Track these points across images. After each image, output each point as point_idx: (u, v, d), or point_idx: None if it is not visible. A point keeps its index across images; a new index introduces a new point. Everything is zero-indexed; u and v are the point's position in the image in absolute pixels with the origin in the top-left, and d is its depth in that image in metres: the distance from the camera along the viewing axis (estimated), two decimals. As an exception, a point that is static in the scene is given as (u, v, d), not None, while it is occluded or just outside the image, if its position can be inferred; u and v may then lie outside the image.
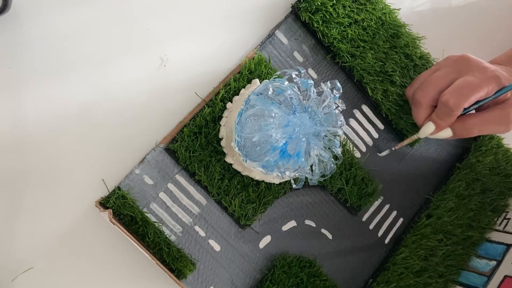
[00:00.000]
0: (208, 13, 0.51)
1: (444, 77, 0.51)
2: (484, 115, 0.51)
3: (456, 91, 0.49)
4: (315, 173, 0.45)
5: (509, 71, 0.52)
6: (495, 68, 0.50)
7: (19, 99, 0.44)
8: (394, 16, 0.56)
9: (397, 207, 0.58)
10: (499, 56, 0.57)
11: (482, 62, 0.50)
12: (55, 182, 0.45)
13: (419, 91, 0.52)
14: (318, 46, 0.54)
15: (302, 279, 0.51)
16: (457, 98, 0.48)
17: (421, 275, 0.57)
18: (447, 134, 0.52)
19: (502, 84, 0.49)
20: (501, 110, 0.51)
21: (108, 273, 0.47)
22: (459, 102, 0.48)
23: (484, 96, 0.49)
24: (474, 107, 0.51)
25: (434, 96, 0.51)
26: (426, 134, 0.52)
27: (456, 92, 0.48)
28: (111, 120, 0.47)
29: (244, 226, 0.50)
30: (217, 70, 0.50)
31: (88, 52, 0.46)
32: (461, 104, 0.48)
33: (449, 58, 0.53)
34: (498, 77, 0.49)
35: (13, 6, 0.44)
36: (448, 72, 0.51)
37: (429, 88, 0.51)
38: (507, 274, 0.56)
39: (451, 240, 0.59)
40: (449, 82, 0.50)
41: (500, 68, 0.52)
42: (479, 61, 0.50)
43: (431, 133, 0.52)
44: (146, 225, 0.45)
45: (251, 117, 0.42)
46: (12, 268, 0.44)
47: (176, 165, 0.48)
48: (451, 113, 0.49)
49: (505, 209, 0.62)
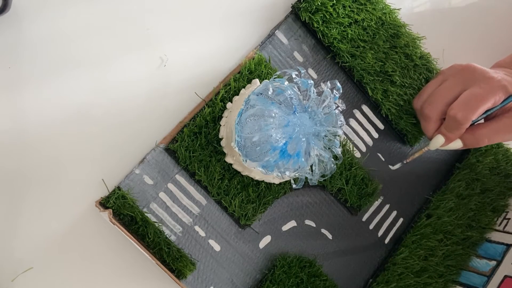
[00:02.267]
0: (208, 13, 0.51)
1: (451, 89, 0.51)
2: (493, 124, 0.51)
3: (464, 104, 0.49)
4: (315, 173, 0.45)
5: None
6: (502, 77, 0.50)
7: (19, 99, 0.44)
8: (394, 16, 0.56)
9: (397, 207, 0.58)
10: (504, 59, 0.57)
11: (487, 72, 0.50)
12: (55, 182, 0.45)
13: (427, 105, 0.52)
14: (318, 46, 0.54)
15: (302, 279, 0.51)
16: (464, 111, 0.49)
17: (421, 275, 0.57)
18: (457, 145, 0.52)
19: (509, 92, 0.49)
20: (510, 119, 0.51)
21: (108, 273, 0.47)
22: (467, 115, 0.49)
23: (492, 106, 0.49)
24: (482, 117, 0.51)
25: (442, 109, 0.51)
26: (436, 147, 0.52)
27: (463, 105, 0.49)
28: (111, 120, 0.47)
29: (244, 226, 0.50)
30: (217, 70, 0.50)
31: (88, 52, 0.46)
32: (469, 117, 0.49)
33: (454, 67, 0.54)
34: (505, 86, 0.49)
35: (13, 6, 0.44)
36: (455, 83, 0.51)
37: (437, 102, 0.51)
38: (507, 274, 0.56)
39: (451, 240, 0.59)
40: (456, 94, 0.50)
41: (506, 72, 0.52)
42: (485, 71, 0.51)
43: (441, 145, 0.52)
44: (146, 225, 0.45)
45: (251, 117, 0.42)
46: (12, 268, 0.44)
47: (176, 165, 0.48)
48: (459, 126, 0.50)
49: (505, 209, 0.62)
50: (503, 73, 0.52)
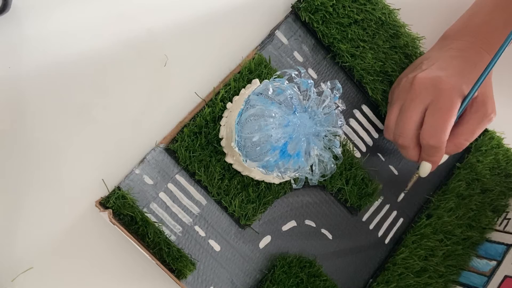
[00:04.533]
0: (208, 13, 0.51)
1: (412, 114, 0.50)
2: (466, 126, 0.51)
3: (432, 130, 0.49)
4: (315, 173, 0.45)
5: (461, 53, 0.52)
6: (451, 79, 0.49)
7: (19, 99, 0.44)
8: (394, 16, 0.56)
9: (397, 207, 0.58)
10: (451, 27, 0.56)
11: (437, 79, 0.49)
12: (55, 182, 0.45)
13: (398, 136, 0.51)
14: (318, 46, 0.54)
15: (302, 279, 0.51)
16: (435, 136, 0.49)
17: (421, 275, 0.57)
18: (444, 158, 0.53)
19: (464, 94, 0.49)
20: (477, 113, 0.51)
21: (108, 273, 0.47)
22: (439, 138, 0.49)
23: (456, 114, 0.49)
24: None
25: (415, 134, 0.50)
26: (426, 173, 0.52)
27: (432, 131, 0.49)
28: (111, 120, 0.47)
29: (244, 226, 0.50)
30: (217, 70, 0.50)
31: (88, 52, 0.46)
32: (442, 139, 0.49)
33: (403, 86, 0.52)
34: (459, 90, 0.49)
35: (13, 6, 0.44)
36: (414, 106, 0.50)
37: (406, 131, 0.50)
38: (507, 274, 0.56)
39: (451, 240, 0.59)
40: (420, 115, 0.50)
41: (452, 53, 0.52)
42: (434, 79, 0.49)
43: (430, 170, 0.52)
44: (146, 225, 0.45)
45: (251, 117, 0.42)
46: (12, 268, 0.43)
47: (176, 165, 0.48)
48: (438, 150, 0.50)
49: (505, 209, 0.62)
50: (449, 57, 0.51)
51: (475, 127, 0.52)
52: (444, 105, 0.49)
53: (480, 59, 0.51)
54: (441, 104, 0.49)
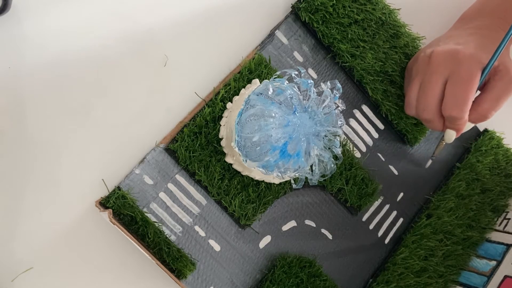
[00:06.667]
0: (208, 13, 0.51)
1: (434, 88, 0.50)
2: (490, 95, 0.51)
3: (453, 101, 0.49)
4: (315, 173, 0.45)
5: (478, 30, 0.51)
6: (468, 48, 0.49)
7: (19, 99, 0.44)
8: (394, 16, 0.56)
9: (397, 207, 0.58)
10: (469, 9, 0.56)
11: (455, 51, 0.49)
12: (55, 182, 0.45)
13: (421, 111, 0.51)
14: (318, 46, 0.54)
15: (302, 279, 0.51)
16: (457, 108, 0.48)
17: (421, 275, 0.57)
18: (469, 126, 0.52)
19: (483, 64, 0.48)
20: (502, 80, 0.50)
21: (108, 273, 0.47)
22: (461, 110, 0.48)
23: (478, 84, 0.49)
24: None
25: (437, 108, 0.50)
26: (451, 140, 0.52)
27: (453, 103, 0.49)
28: (111, 120, 0.47)
29: (244, 226, 0.50)
30: (217, 70, 0.50)
31: (88, 52, 0.46)
32: (464, 110, 0.48)
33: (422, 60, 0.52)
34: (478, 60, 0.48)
35: (13, 6, 0.44)
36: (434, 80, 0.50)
37: (429, 105, 0.50)
38: (507, 274, 0.56)
39: (451, 240, 0.59)
40: (441, 88, 0.50)
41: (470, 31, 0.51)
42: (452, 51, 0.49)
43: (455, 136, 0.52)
44: (146, 225, 0.45)
45: (251, 117, 0.42)
46: (12, 268, 0.43)
47: (176, 165, 0.48)
48: (461, 120, 0.49)
49: (505, 209, 0.62)
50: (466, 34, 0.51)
51: (500, 94, 0.51)
52: (465, 75, 0.48)
53: (498, 36, 0.50)
54: (461, 75, 0.48)
